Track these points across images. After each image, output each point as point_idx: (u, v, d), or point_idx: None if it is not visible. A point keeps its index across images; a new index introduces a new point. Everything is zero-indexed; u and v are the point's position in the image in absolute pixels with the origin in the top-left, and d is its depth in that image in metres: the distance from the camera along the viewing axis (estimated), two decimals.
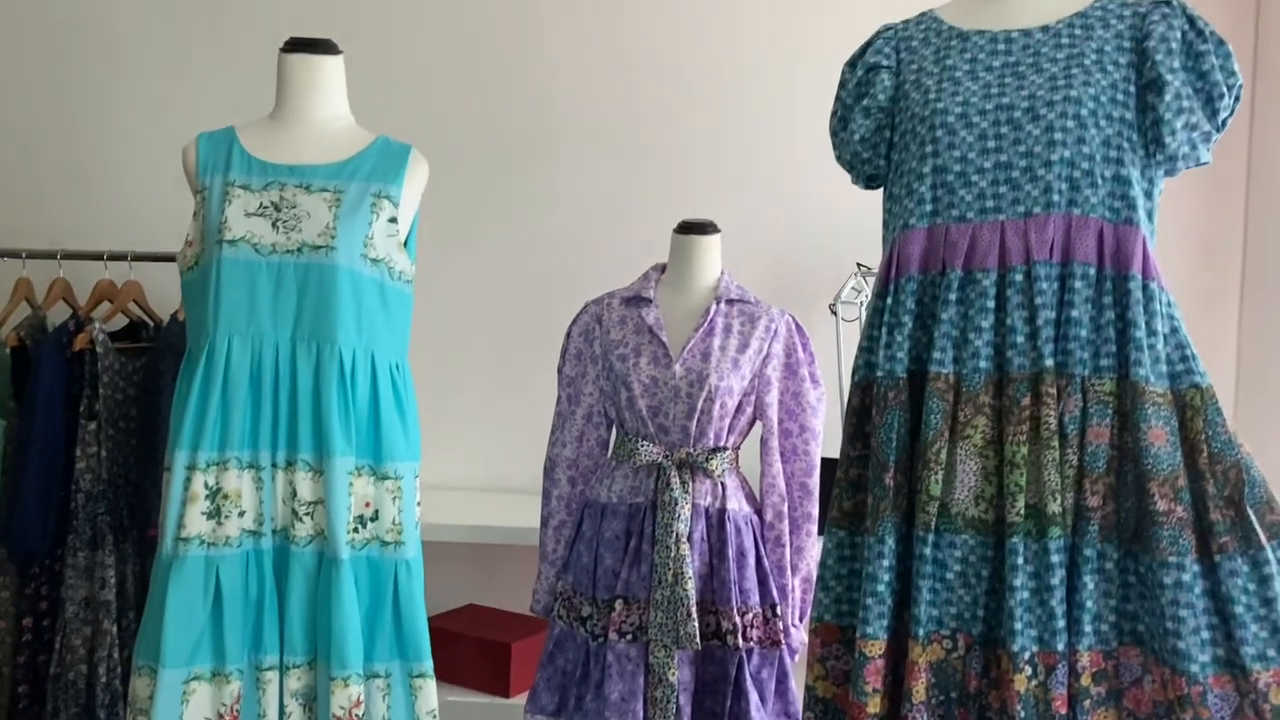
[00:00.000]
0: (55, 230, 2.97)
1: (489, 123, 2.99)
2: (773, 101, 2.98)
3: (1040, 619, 1.32)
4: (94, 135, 3.04)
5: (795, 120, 2.96)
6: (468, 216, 3.00)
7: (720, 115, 2.98)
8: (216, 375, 1.62)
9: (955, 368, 1.39)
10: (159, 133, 3.01)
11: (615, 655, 1.96)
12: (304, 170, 1.70)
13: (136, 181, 3.02)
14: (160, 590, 1.60)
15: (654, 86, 2.99)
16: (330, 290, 1.64)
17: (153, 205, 2.99)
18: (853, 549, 1.49)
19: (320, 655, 1.64)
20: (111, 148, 3.03)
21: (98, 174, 3.04)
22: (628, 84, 2.99)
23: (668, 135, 2.98)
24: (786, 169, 2.97)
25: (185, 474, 1.61)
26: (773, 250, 2.97)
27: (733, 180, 2.98)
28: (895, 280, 1.46)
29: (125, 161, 3.03)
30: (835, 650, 1.49)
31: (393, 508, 1.70)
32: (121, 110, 3.03)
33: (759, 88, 2.99)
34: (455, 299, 3.00)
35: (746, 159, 2.98)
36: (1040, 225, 1.37)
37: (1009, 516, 1.33)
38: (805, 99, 2.94)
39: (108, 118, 3.03)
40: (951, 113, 1.43)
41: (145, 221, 2.99)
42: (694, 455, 1.99)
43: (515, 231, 3.00)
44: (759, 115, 2.98)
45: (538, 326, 2.96)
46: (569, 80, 2.99)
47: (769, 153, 2.98)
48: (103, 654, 2.41)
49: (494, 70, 2.99)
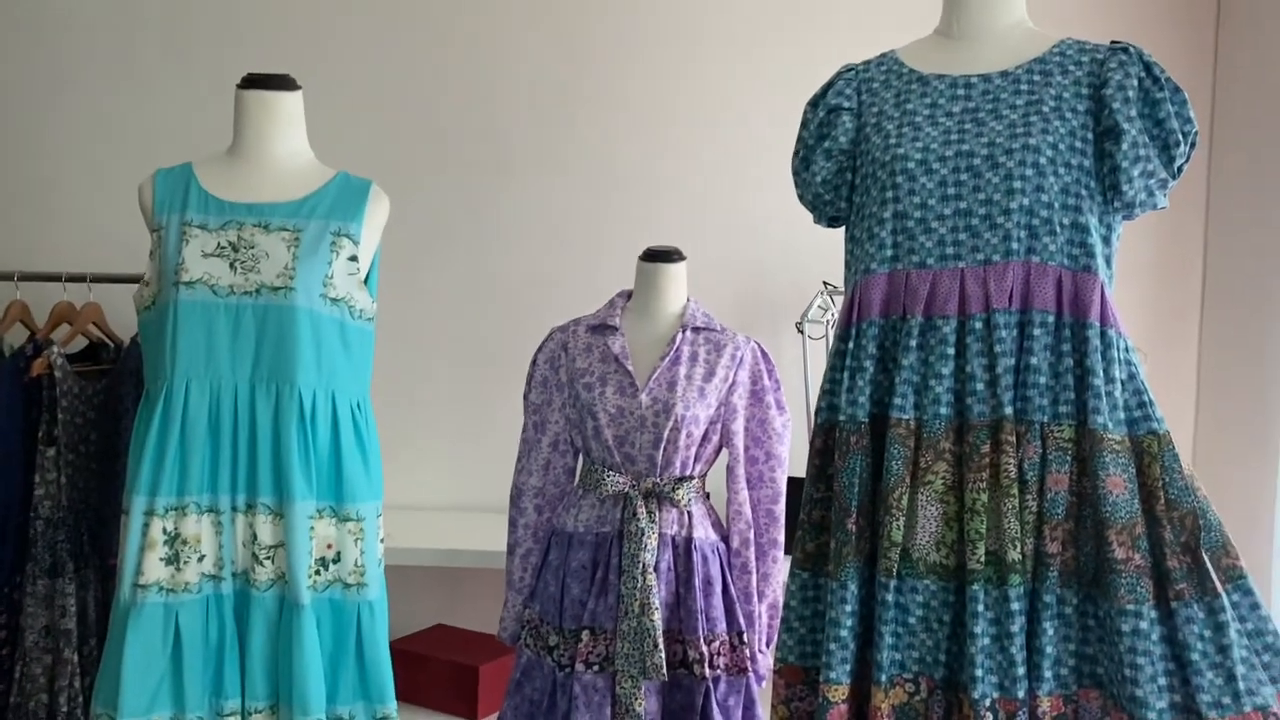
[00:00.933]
0: (12, 251, 2.92)
1: (452, 151, 2.97)
2: (736, 123, 2.98)
3: (1000, 665, 1.33)
4: (51, 156, 2.99)
5: (759, 142, 2.96)
6: (434, 241, 2.98)
7: (683, 138, 2.98)
8: (174, 419, 1.60)
9: (916, 413, 1.40)
10: (118, 153, 2.97)
11: (582, 686, 1.96)
12: (262, 209, 1.68)
13: (95, 202, 2.98)
14: (118, 637, 1.58)
15: (616, 113, 2.98)
16: (289, 331, 1.62)
17: (112, 226, 2.95)
18: (816, 590, 1.49)
19: (282, 699, 1.62)
20: (69, 168, 2.99)
21: (55, 195, 2.99)
22: (590, 112, 2.97)
23: (631, 159, 2.98)
24: (751, 188, 2.97)
25: (143, 519, 1.59)
26: (739, 269, 2.98)
27: (698, 200, 2.98)
28: (857, 324, 1.46)
29: (83, 182, 2.98)
30: (799, 691, 1.49)
31: (355, 549, 1.69)
32: (79, 130, 2.98)
33: (722, 110, 2.98)
34: (423, 321, 2.98)
35: (711, 179, 2.98)
36: (999, 273, 1.38)
37: (969, 563, 1.33)
38: (768, 121, 2.95)
39: (65, 138, 2.98)
40: (912, 159, 1.43)
41: (104, 242, 2.95)
42: (660, 485, 1.99)
43: (482, 255, 2.99)
44: (722, 137, 2.98)
45: (506, 348, 2.95)
46: (531, 109, 2.97)
47: (733, 172, 2.98)
48: (63, 683, 2.38)
49: (456, 100, 2.97)
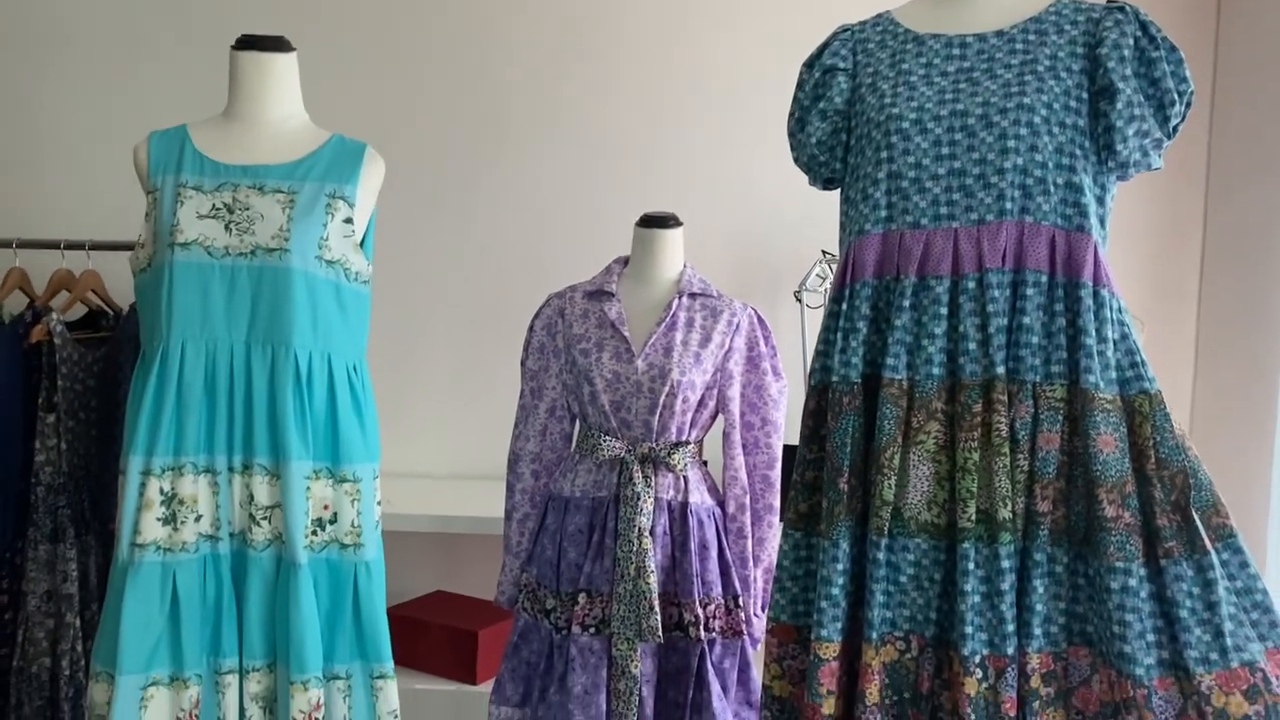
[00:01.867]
0: (10, 218, 2.93)
1: (449, 115, 2.96)
2: (734, 91, 2.97)
3: (990, 623, 1.34)
4: (49, 122, 2.98)
5: (758, 109, 2.95)
6: (428, 209, 2.98)
7: (682, 105, 2.97)
8: (170, 380, 1.60)
9: (908, 373, 1.40)
10: (116, 119, 2.96)
11: (578, 648, 1.97)
12: (257, 171, 1.68)
13: (94, 169, 2.98)
14: (116, 596, 1.59)
15: (612, 79, 2.97)
16: (285, 293, 1.62)
17: (110, 193, 2.95)
18: (809, 550, 1.50)
19: (280, 658, 1.64)
20: (67, 135, 2.98)
21: (53, 161, 2.99)
22: (587, 76, 2.96)
23: (629, 126, 2.97)
24: (750, 157, 2.96)
25: (140, 479, 1.60)
26: (737, 238, 2.97)
27: (696, 169, 2.97)
28: (850, 285, 1.46)
29: (82, 148, 2.98)
30: (791, 650, 1.50)
31: (351, 510, 1.69)
32: (77, 96, 2.97)
33: (720, 77, 2.97)
34: (420, 288, 2.99)
35: (709, 148, 2.97)
36: (993, 233, 1.38)
37: (960, 522, 1.34)
38: (767, 88, 2.93)
39: (63, 104, 2.98)
40: (906, 118, 1.43)
41: (103, 209, 2.95)
42: (656, 450, 1.99)
43: (477, 223, 2.99)
44: (721, 105, 2.97)
45: (503, 315, 2.95)
46: (529, 73, 2.96)
47: (732, 141, 2.97)
48: (65, 647, 2.40)
49: (452, 63, 2.96)
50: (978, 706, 1.32)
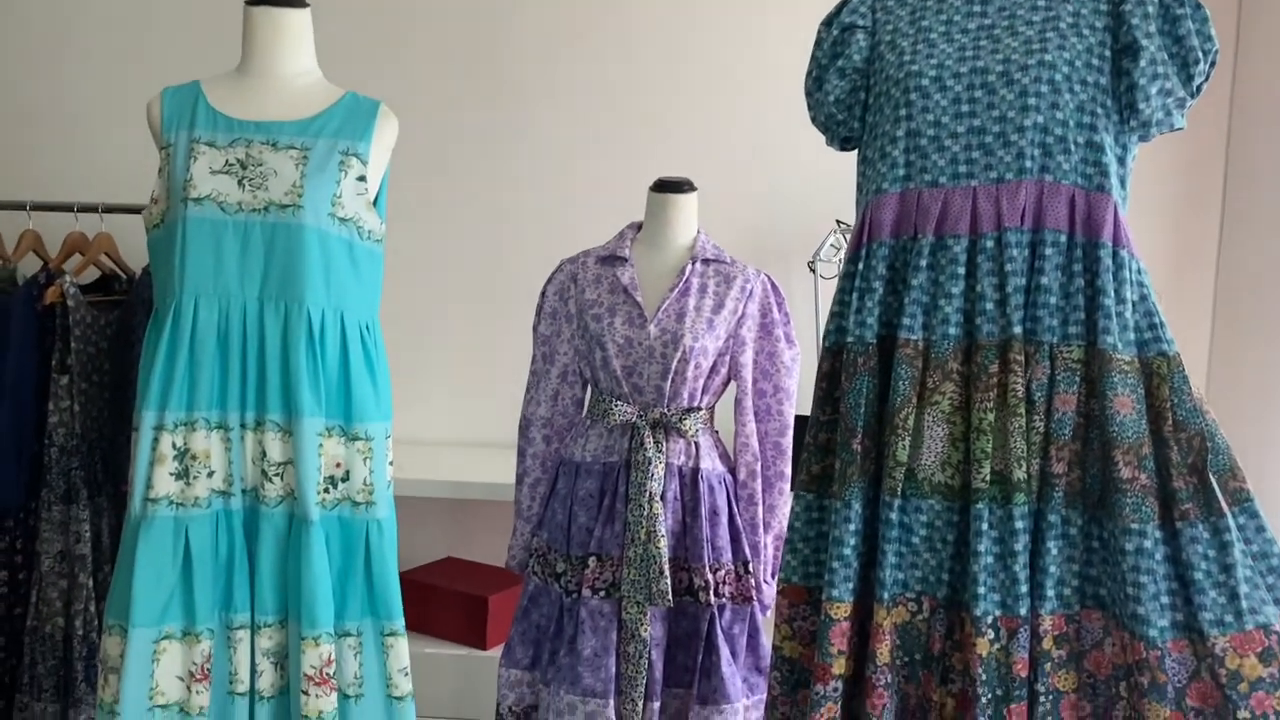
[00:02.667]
0: (24, 181, 2.93)
1: (461, 81, 2.95)
2: (750, 58, 2.95)
3: (1003, 584, 1.33)
4: (63, 86, 2.98)
5: (773, 78, 2.92)
6: (439, 175, 2.97)
7: (697, 72, 2.95)
8: (183, 335, 1.60)
9: (924, 334, 1.39)
10: (129, 82, 2.96)
11: (588, 611, 1.97)
12: (270, 127, 1.67)
13: (107, 132, 2.97)
14: (129, 550, 1.59)
15: (626, 44, 2.94)
16: (298, 250, 1.62)
17: (124, 156, 2.95)
18: (820, 512, 1.50)
19: (291, 615, 1.64)
20: (81, 98, 2.98)
21: (67, 124, 2.99)
22: (599, 43, 2.94)
23: (641, 92, 2.95)
24: (764, 126, 2.94)
25: (153, 434, 1.60)
26: (751, 208, 2.96)
27: (710, 138, 2.95)
28: (867, 245, 1.45)
29: (95, 111, 2.98)
30: (802, 611, 1.50)
31: (364, 468, 1.69)
32: (91, 60, 2.97)
33: (735, 43, 2.95)
34: (429, 256, 2.98)
35: (724, 116, 2.95)
36: (1012, 192, 1.36)
37: (974, 482, 1.33)
38: (782, 55, 2.91)
39: (76, 66, 2.97)
40: (926, 75, 1.41)
41: (116, 172, 2.95)
42: (668, 415, 1.99)
43: (488, 189, 2.98)
44: (737, 72, 2.95)
45: (514, 282, 2.94)
46: (539, 40, 2.94)
47: (746, 110, 2.95)
48: (79, 607, 2.42)
49: (466, 28, 2.94)
50: (989, 667, 1.32)
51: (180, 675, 1.58)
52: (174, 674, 1.57)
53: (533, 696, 2.09)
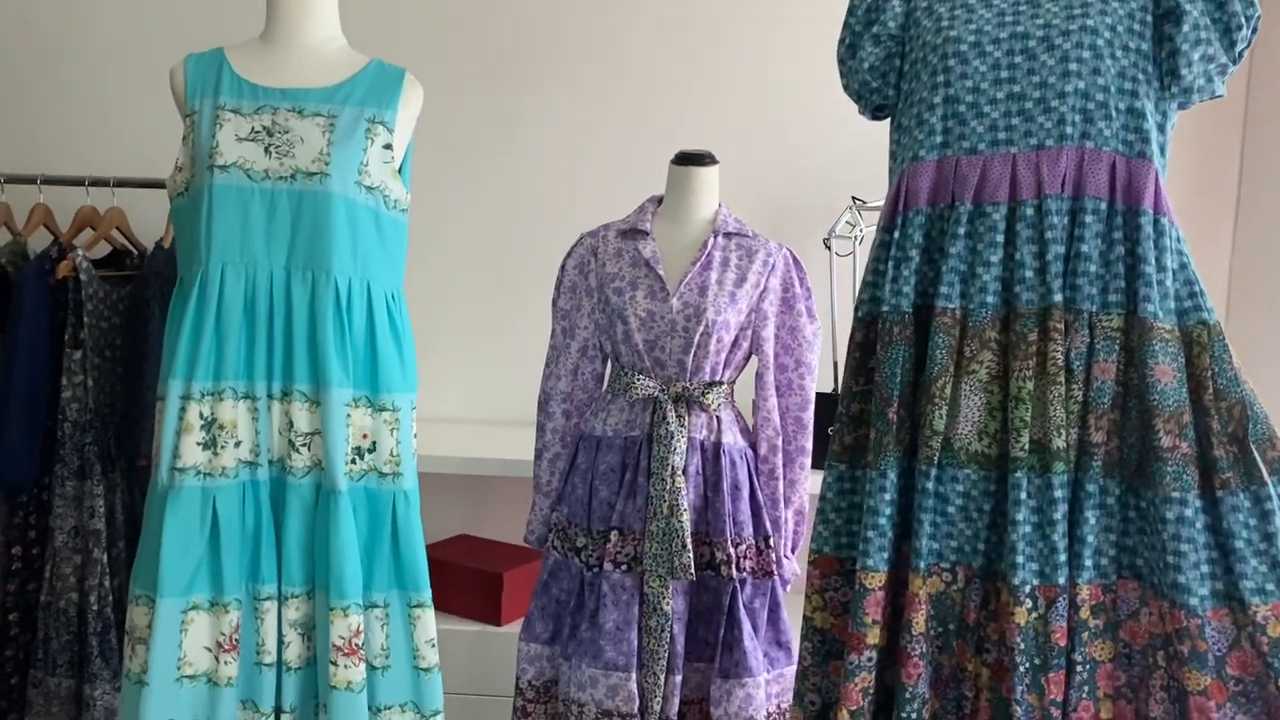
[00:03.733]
0: (34, 154, 2.90)
1: (475, 53, 2.93)
2: (766, 33, 2.92)
3: (1041, 553, 1.33)
4: (74, 57, 2.95)
5: (789, 53, 2.90)
6: (460, 145, 2.95)
7: (712, 47, 2.93)
8: (210, 304, 1.59)
9: (962, 302, 1.38)
10: (141, 54, 2.93)
11: (610, 585, 1.97)
12: (296, 94, 1.65)
13: (118, 105, 2.95)
14: (156, 520, 1.58)
15: (641, 18, 2.92)
16: (325, 218, 1.60)
17: (136, 129, 2.93)
18: (853, 482, 1.49)
19: (319, 585, 1.63)
20: (92, 70, 2.95)
21: (77, 97, 2.96)
22: (613, 16, 2.92)
23: (659, 67, 2.93)
24: (780, 102, 2.93)
25: (180, 404, 1.59)
26: (766, 184, 2.94)
27: (726, 113, 2.93)
28: (903, 213, 1.44)
29: (107, 84, 2.95)
30: (834, 582, 1.50)
31: (390, 439, 1.68)
32: (102, 31, 2.94)
33: (752, 18, 2.93)
34: (448, 228, 2.97)
35: (740, 91, 2.93)
36: (1052, 158, 1.35)
37: (1013, 451, 1.33)
38: (799, 30, 2.89)
39: (87, 39, 2.94)
40: (964, 41, 1.40)
41: (128, 146, 2.92)
42: (690, 389, 1.98)
43: (503, 163, 2.96)
44: (752, 47, 2.93)
45: (531, 257, 2.93)
46: (553, 14, 2.92)
47: (762, 85, 2.93)
48: (93, 582, 2.41)
49: (477, 5, 2.91)
50: (1027, 636, 1.31)
51: (208, 645, 1.57)
52: (202, 644, 1.57)
53: (552, 670, 2.09)
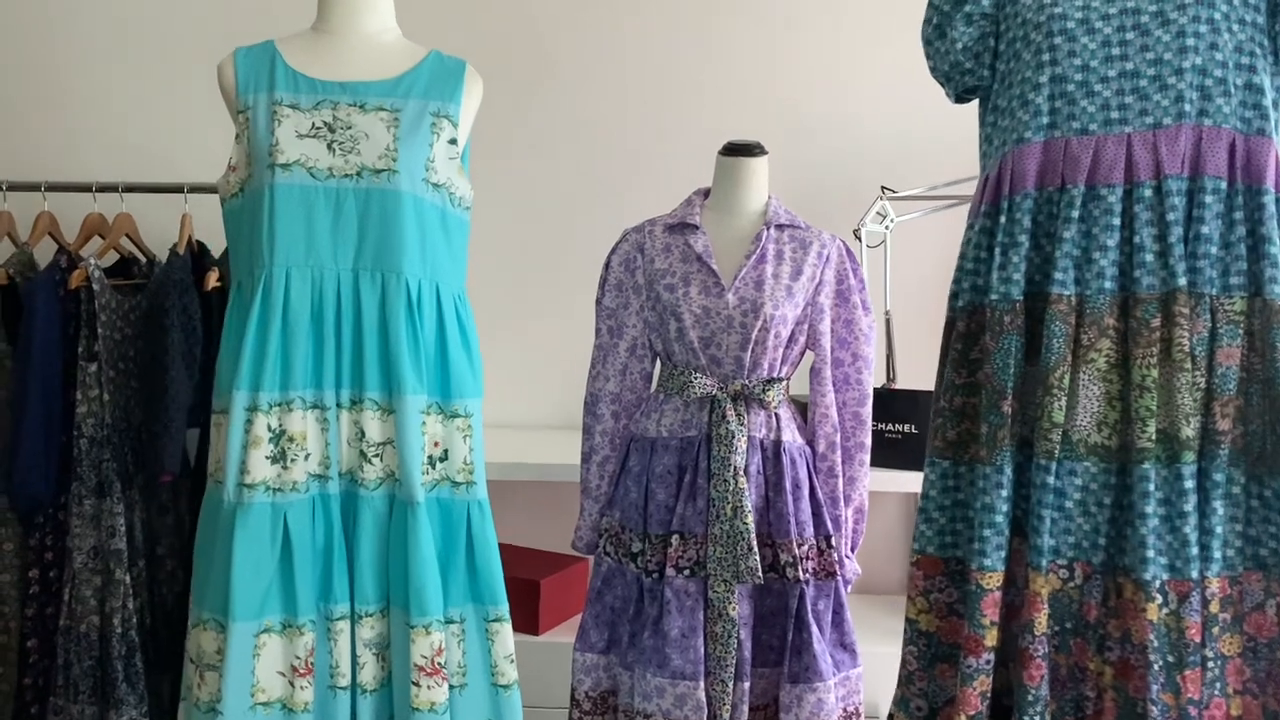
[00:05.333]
0: (37, 160, 2.80)
1: (492, 50, 2.86)
2: (785, 23, 2.88)
3: (1171, 546, 1.28)
4: (78, 60, 2.84)
5: (815, 43, 2.86)
6: (476, 148, 2.88)
7: (738, 37, 2.87)
8: (275, 310, 1.50)
9: (1078, 289, 1.33)
10: (149, 57, 2.83)
11: (673, 591, 1.91)
12: (356, 87, 1.57)
13: (125, 109, 2.84)
14: (225, 540, 1.49)
15: (662, 9, 2.86)
16: (394, 217, 1.52)
17: (143, 134, 2.82)
18: (956, 479, 1.44)
19: (395, 602, 1.55)
20: (97, 73, 2.85)
21: (82, 101, 2.86)
22: (635, 7, 2.86)
23: (677, 60, 2.87)
24: (807, 92, 2.88)
25: (246, 416, 1.50)
26: (794, 175, 2.89)
27: (752, 104, 2.88)
28: (1009, 198, 1.39)
29: (112, 87, 2.84)
30: (939, 583, 1.44)
31: (463, 446, 1.60)
32: (108, 33, 2.83)
33: (770, 8, 2.87)
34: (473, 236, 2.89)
35: (761, 82, 2.88)
36: (1171, 137, 1.31)
37: (1139, 442, 1.28)
38: (819, 18, 2.84)
39: (93, 40, 2.84)
40: (1071, 18, 1.35)
41: (134, 151, 2.82)
42: (749, 387, 1.92)
43: (524, 163, 2.89)
44: (779, 37, 2.88)
45: (550, 258, 2.87)
46: (573, 8, 2.85)
47: (789, 75, 2.88)
48: (116, 604, 2.31)
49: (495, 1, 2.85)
50: (1160, 633, 1.27)
51: (282, 670, 1.49)
52: (275, 669, 1.48)
53: (609, 681, 2.02)
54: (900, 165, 2.84)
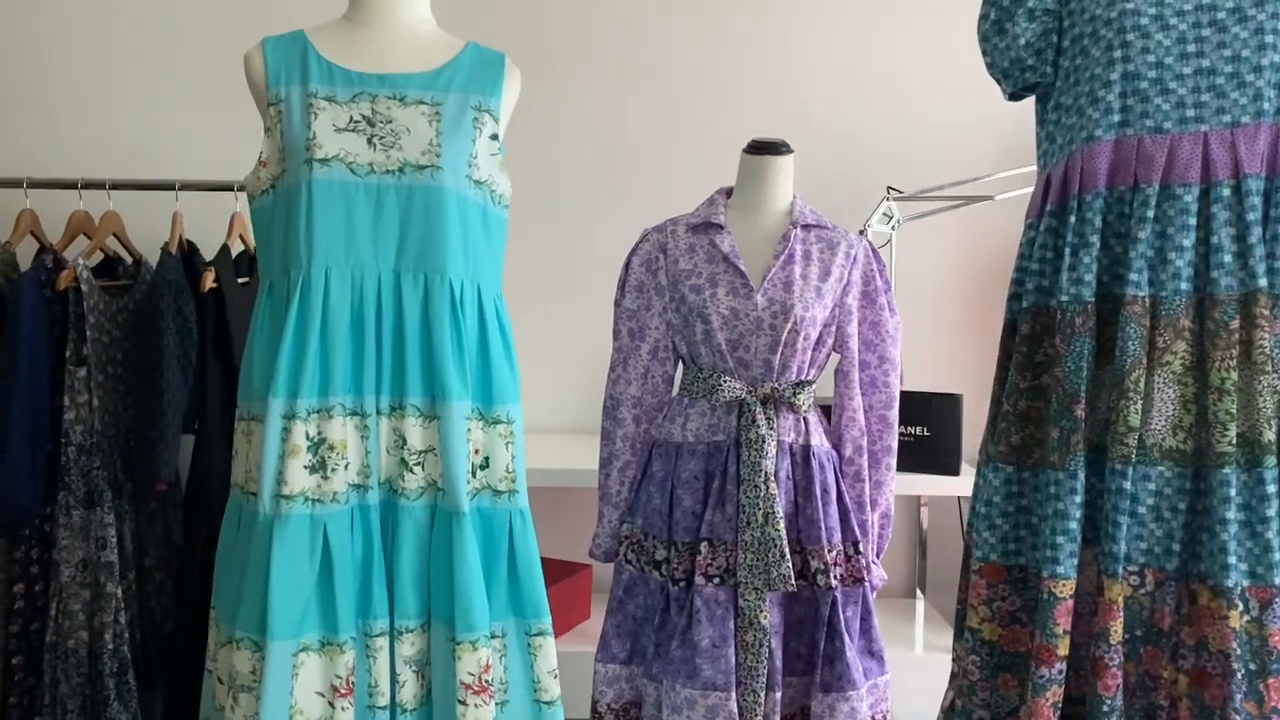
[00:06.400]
0: (19, 156, 2.68)
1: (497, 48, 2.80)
2: (789, 22, 2.84)
3: (1252, 553, 1.26)
4: (61, 54, 2.73)
5: (818, 44, 2.83)
6: None
7: (743, 39, 2.84)
8: (314, 312, 1.42)
9: (1152, 290, 1.31)
10: (133, 51, 2.72)
11: (703, 600, 1.86)
12: (395, 80, 1.50)
13: (109, 105, 2.74)
14: (260, 555, 1.41)
15: (664, 9, 2.82)
16: (438, 215, 1.45)
17: (129, 130, 2.72)
18: (1020, 485, 1.41)
19: (438, 617, 1.48)
20: (80, 67, 2.73)
21: (65, 95, 2.74)
22: (640, 8, 2.81)
23: (680, 60, 2.83)
24: (812, 93, 2.85)
25: (283, 424, 1.42)
26: (800, 175, 2.86)
27: (757, 104, 2.85)
28: (1079, 196, 1.36)
29: (95, 82, 2.73)
30: (1001, 591, 1.41)
31: (505, 454, 1.54)
32: (96, 27, 2.72)
33: (774, 7, 2.84)
34: None
35: (771, 82, 2.85)
36: (1250, 136, 1.29)
37: (1219, 446, 1.26)
38: (822, 17, 2.82)
39: (75, 33, 2.72)
40: (1145, 14, 1.32)
41: (120, 148, 2.72)
42: (779, 390, 1.88)
43: (532, 167, 2.82)
44: (784, 38, 2.85)
45: (559, 261, 2.81)
46: (579, 5, 2.80)
47: (794, 75, 2.85)
48: (107, 619, 2.22)
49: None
50: (1241, 640, 1.25)
51: (320, 690, 1.41)
52: (313, 689, 1.40)
53: (632, 692, 1.97)
54: (906, 166, 2.82)
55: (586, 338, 2.82)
